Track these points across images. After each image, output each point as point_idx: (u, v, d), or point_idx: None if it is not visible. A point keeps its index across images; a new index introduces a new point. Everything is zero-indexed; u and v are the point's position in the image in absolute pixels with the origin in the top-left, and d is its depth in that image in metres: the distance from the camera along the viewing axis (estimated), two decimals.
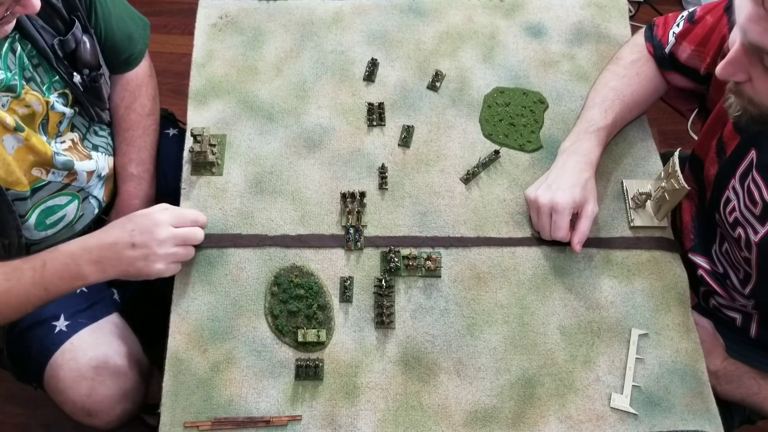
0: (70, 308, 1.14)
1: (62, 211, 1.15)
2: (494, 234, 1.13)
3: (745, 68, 0.83)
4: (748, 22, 0.78)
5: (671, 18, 1.17)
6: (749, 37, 0.79)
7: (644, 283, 1.09)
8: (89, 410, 1.11)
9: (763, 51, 0.78)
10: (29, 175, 1.06)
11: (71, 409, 1.12)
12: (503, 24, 1.33)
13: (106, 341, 1.13)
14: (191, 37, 1.31)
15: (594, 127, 1.12)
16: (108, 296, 1.22)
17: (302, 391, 1.01)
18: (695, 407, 1.01)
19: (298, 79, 1.26)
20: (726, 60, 0.84)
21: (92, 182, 1.19)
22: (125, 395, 1.13)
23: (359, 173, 1.17)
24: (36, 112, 1.05)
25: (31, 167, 1.06)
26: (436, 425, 0.99)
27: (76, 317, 1.14)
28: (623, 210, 1.16)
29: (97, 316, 1.16)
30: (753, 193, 0.98)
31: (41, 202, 1.11)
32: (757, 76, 0.83)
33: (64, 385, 1.09)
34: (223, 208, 1.13)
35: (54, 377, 1.10)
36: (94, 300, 1.18)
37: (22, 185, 1.05)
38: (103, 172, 1.22)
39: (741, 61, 0.83)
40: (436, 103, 1.24)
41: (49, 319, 1.12)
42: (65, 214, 1.16)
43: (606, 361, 1.04)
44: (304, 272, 1.08)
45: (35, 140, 1.04)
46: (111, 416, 1.13)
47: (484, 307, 1.07)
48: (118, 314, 1.21)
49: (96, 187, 1.21)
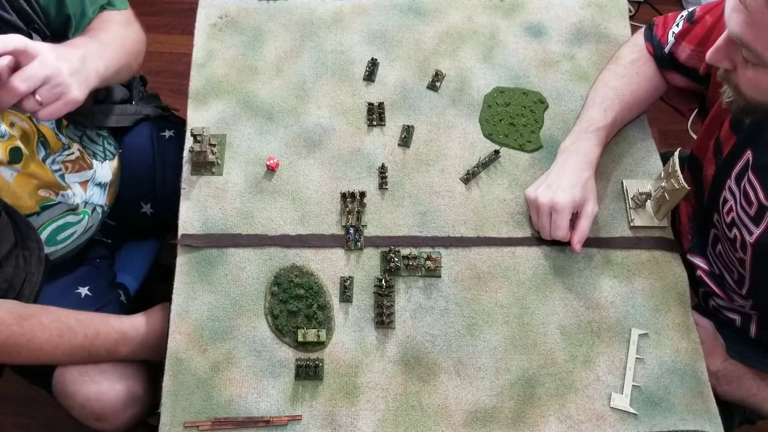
0: None
1: (73, 228, 1.15)
2: (494, 234, 1.13)
3: (730, 57, 0.86)
4: (731, 12, 0.81)
5: (671, 18, 1.17)
6: (730, 27, 0.82)
7: (644, 283, 1.09)
8: (98, 414, 1.11)
9: (741, 42, 0.80)
10: (36, 196, 1.06)
11: (80, 413, 1.12)
12: (503, 24, 1.33)
13: None
14: (191, 37, 1.31)
15: (594, 127, 1.12)
16: (115, 299, 1.22)
17: (302, 391, 1.01)
18: (695, 407, 1.01)
19: (298, 79, 1.26)
20: (713, 47, 0.87)
21: (92, 191, 1.18)
22: (134, 399, 1.13)
23: (359, 173, 1.17)
24: (27, 131, 1.04)
25: (37, 189, 1.06)
26: (436, 425, 0.99)
27: None
28: (623, 210, 1.16)
29: None
30: (749, 193, 0.98)
31: (53, 220, 1.11)
32: (739, 66, 0.86)
33: (73, 388, 1.10)
34: (223, 208, 1.13)
35: (62, 381, 1.10)
36: (103, 303, 1.19)
37: (30, 207, 1.05)
38: (104, 180, 1.21)
39: (726, 50, 0.86)
40: (436, 103, 1.24)
41: None
42: (75, 230, 1.16)
43: (606, 361, 1.04)
44: (304, 272, 1.08)
45: (34, 166, 1.04)
46: (121, 420, 1.13)
47: (484, 307, 1.07)
48: None
49: (98, 195, 1.20)
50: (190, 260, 1.09)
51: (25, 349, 1.01)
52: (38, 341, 1.01)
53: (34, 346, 1.01)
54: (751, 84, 0.86)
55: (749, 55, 0.82)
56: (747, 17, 0.78)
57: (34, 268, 1.05)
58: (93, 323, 1.07)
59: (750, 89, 0.87)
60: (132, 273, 1.36)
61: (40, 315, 1.03)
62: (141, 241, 1.42)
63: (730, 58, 0.86)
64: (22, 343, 1.00)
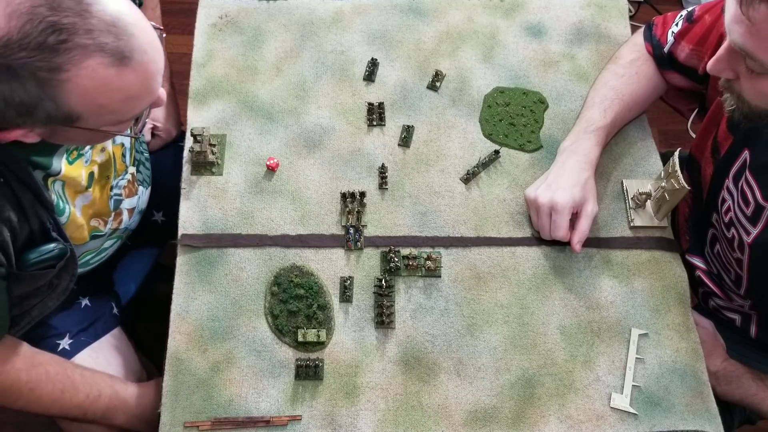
0: (75, 326, 1.15)
1: (106, 252, 1.15)
2: (494, 234, 1.12)
3: (732, 66, 0.86)
4: (732, 23, 0.80)
5: (670, 17, 1.17)
6: (732, 37, 0.81)
7: (644, 283, 1.09)
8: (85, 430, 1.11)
9: (744, 52, 0.80)
10: (89, 226, 1.05)
11: (68, 427, 1.12)
12: (503, 24, 1.33)
13: (105, 361, 1.13)
14: (191, 37, 1.31)
15: (593, 127, 1.12)
16: (108, 311, 1.21)
17: (302, 391, 1.01)
18: (695, 407, 1.01)
19: (298, 79, 1.26)
20: (715, 57, 0.87)
21: (134, 219, 1.17)
22: None
23: (359, 173, 1.17)
24: (108, 152, 1.04)
25: (90, 218, 1.05)
26: (436, 425, 0.99)
27: (79, 336, 1.14)
28: (623, 210, 1.16)
29: (99, 334, 1.16)
30: (746, 193, 0.98)
31: (94, 250, 1.10)
32: (742, 75, 0.85)
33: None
34: (223, 208, 1.13)
35: None
36: (97, 316, 1.18)
37: (83, 238, 1.04)
38: (143, 207, 1.20)
39: (728, 60, 0.85)
40: (436, 103, 1.24)
41: (54, 336, 1.12)
42: (107, 253, 1.15)
43: (606, 361, 1.04)
44: (304, 272, 1.08)
45: (97, 190, 1.03)
46: None
47: (484, 307, 1.07)
48: (119, 328, 1.21)
49: (136, 222, 1.19)
50: (190, 260, 1.09)
51: (24, 398, 0.98)
52: (39, 393, 0.99)
53: (34, 397, 0.98)
54: (756, 92, 0.85)
55: (754, 64, 0.81)
56: (750, 28, 0.77)
57: (56, 295, 1.02)
58: (97, 384, 1.04)
59: (755, 97, 0.86)
60: (131, 277, 1.36)
61: (48, 364, 1.01)
62: (145, 247, 1.42)
63: (732, 67, 0.86)
64: (23, 392, 0.98)
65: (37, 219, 0.89)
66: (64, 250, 0.92)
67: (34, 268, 0.90)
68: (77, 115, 0.77)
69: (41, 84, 0.72)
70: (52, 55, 0.71)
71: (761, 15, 0.75)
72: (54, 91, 0.73)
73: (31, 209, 0.88)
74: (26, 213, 0.87)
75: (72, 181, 0.95)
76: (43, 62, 0.70)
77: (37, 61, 0.70)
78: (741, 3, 0.76)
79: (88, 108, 0.77)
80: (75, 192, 0.98)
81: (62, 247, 0.92)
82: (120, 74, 0.75)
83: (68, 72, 0.72)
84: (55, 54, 0.71)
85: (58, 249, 0.91)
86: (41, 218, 0.90)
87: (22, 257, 0.89)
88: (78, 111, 0.76)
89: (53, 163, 0.90)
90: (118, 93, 0.77)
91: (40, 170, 0.89)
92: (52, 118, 0.76)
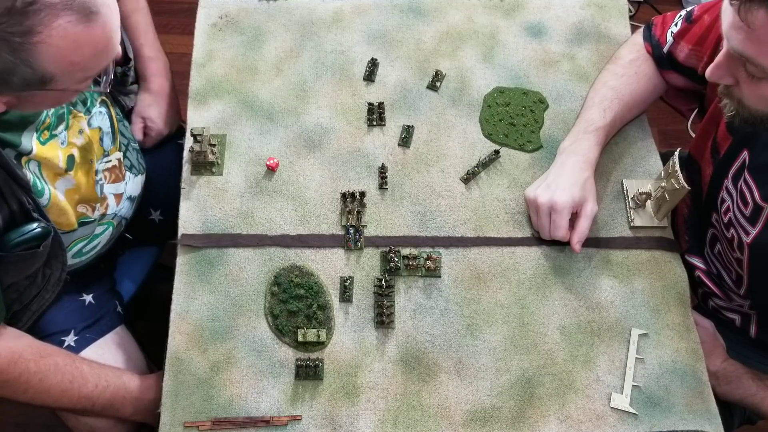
0: (80, 323, 1.15)
1: (97, 239, 1.14)
2: (494, 234, 1.13)
3: (732, 72, 0.86)
4: (730, 30, 0.80)
5: (669, 17, 1.17)
6: (731, 44, 0.81)
7: (644, 283, 1.09)
8: (92, 427, 1.11)
9: (744, 58, 0.80)
10: (76, 212, 1.05)
11: (74, 425, 1.12)
12: (503, 24, 1.33)
13: (111, 357, 1.14)
14: (191, 37, 1.31)
15: (593, 127, 1.12)
16: (112, 308, 1.22)
17: (302, 391, 1.01)
18: (695, 407, 1.01)
19: (298, 79, 1.26)
20: (713, 64, 0.86)
21: (123, 205, 1.17)
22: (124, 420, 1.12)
23: (359, 173, 1.17)
24: (87, 135, 1.04)
25: (77, 204, 1.05)
26: (436, 425, 0.99)
27: (84, 333, 1.14)
28: (623, 210, 1.16)
29: (103, 331, 1.17)
30: (745, 194, 0.98)
31: (85, 238, 1.10)
32: (742, 80, 0.85)
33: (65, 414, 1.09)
34: (223, 208, 1.13)
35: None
36: (101, 313, 1.18)
37: (70, 224, 1.04)
38: (134, 194, 1.20)
39: (727, 66, 0.85)
40: (436, 103, 1.24)
41: (59, 333, 1.12)
42: (99, 241, 1.15)
43: (606, 361, 1.04)
44: (304, 272, 1.08)
45: (81, 175, 1.03)
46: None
47: (484, 307, 1.07)
48: (123, 326, 1.21)
49: (127, 209, 1.19)
50: (190, 260, 1.09)
51: (34, 388, 0.98)
52: (48, 383, 0.98)
53: (43, 387, 0.98)
54: (757, 96, 0.85)
55: (754, 69, 0.81)
56: (749, 33, 0.77)
57: (50, 287, 1.02)
58: (105, 374, 1.04)
59: (756, 102, 0.86)
60: (131, 277, 1.36)
61: (56, 355, 1.01)
62: (144, 246, 1.42)
63: (731, 73, 0.85)
64: (32, 382, 0.97)
65: (16, 199, 0.90)
66: (47, 228, 0.93)
67: (19, 248, 0.90)
68: (50, 77, 0.78)
69: (15, 50, 0.73)
70: (23, 19, 0.71)
71: (760, 20, 0.75)
72: (29, 56, 0.74)
73: (6, 188, 0.88)
74: (3, 193, 0.88)
75: (48, 162, 0.96)
76: (15, 27, 0.71)
77: (8, 27, 0.71)
78: (739, 9, 0.76)
79: (61, 68, 0.78)
80: (54, 174, 0.98)
81: (45, 225, 0.92)
82: (89, 30, 0.76)
83: (40, 34, 0.73)
84: (25, 17, 0.71)
85: (40, 227, 0.92)
86: (19, 198, 0.90)
87: (4, 238, 0.90)
88: (51, 72, 0.77)
89: (22, 141, 0.91)
90: (88, 49, 0.78)
91: (10, 149, 0.90)
92: (28, 83, 0.77)
